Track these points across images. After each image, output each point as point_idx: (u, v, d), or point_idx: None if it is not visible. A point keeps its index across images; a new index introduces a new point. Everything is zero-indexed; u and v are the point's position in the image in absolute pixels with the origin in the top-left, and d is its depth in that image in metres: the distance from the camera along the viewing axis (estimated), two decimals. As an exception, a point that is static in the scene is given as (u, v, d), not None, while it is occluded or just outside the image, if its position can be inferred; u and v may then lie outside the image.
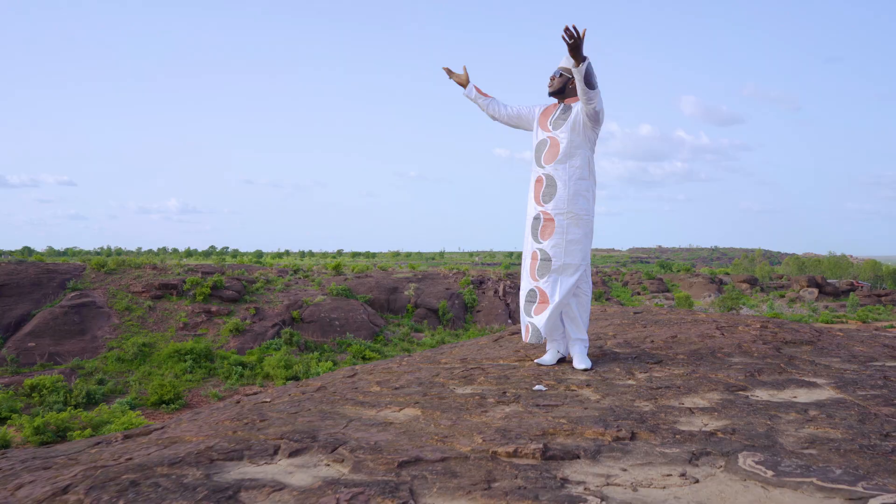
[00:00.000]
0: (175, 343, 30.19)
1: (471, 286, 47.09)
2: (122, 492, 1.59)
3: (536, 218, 3.65)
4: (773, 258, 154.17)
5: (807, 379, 3.04)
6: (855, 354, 3.69)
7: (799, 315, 58.18)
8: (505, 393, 2.78)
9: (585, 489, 1.68)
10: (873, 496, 1.59)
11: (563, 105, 3.70)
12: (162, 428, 2.82)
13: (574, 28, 3.14)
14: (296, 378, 28.13)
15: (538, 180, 3.67)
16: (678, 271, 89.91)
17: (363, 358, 32.30)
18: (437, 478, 1.70)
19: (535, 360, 3.70)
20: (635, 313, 5.87)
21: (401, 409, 2.49)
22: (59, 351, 29.56)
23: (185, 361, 28.82)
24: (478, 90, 3.97)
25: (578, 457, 1.94)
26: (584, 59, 3.25)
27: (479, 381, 3.09)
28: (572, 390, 2.85)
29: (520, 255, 3.83)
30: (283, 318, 35.24)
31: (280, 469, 1.80)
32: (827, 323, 55.54)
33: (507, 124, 3.96)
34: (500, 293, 46.89)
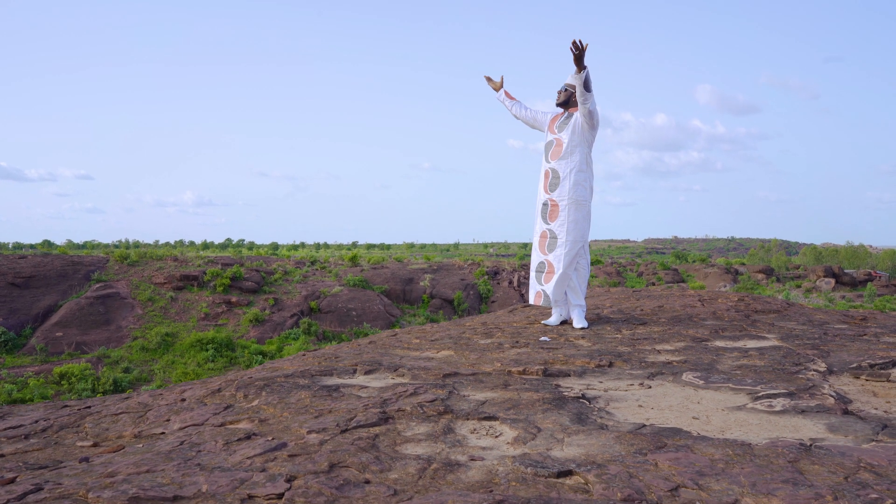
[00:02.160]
0: (197, 333, 31.14)
1: (485, 277, 47.80)
2: (260, 389, 2.39)
3: (545, 204, 4.56)
4: (789, 248, 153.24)
5: (760, 335, 3.81)
6: (813, 320, 4.44)
7: (815, 305, 58.23)
8: (517, 342, 3.58)
9: (570, 390, 2.47)
10: (764, 391, 2.37)
11: (567, 113, 4.62)
12: (261, 364, 3.64)
13: (580, 41, 4.02)
14: (315, 366, 28.99)
15: (546, 173, 4.61)
16: (693, 262, 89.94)
17: (380, 347, 33.11)
18: (470, 383, 2.49)
19: (542, 322, 4.58)
20: (634, 291, 6.64)
21: (438, 351, 3.29)
22: (86, 340, 30.62)
23: (207, 350, 29.75)
24: (507, 94, 4.96)
25: (569, 375, 2.74)
26: (584, 67, 4.17)
27: (497, 335, 3.89)
28: (570, 340, 3.65)
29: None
30: (301, 308, 36.15)
31: (360, 381, 2.60)
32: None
33: (526, 123, 4.90)
34: (515, 284, 47.59)
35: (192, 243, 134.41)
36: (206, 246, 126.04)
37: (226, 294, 36.22)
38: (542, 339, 3.79)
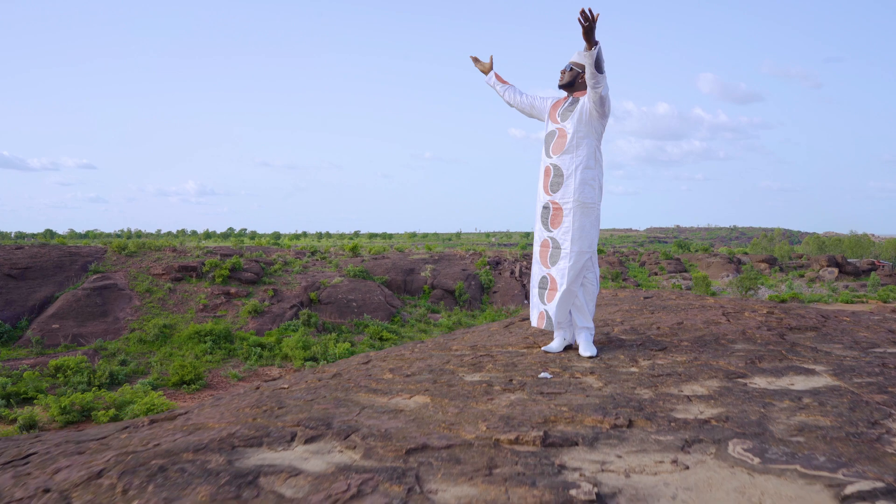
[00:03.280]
0: (195, 324, 30.68)
1: (487, 267, 47.26)
2: (151, 476, 1.73)
3: (545, 207, 3.81)
4: (792, 237, 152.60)
5: (806, 366, 3.13)
6: (858, 340, 3.76)
7: (818, 295, 57.73)
8: (511, 380, 2.91)
9: (580, 475, 1.80)
10: (851, 483, 1.69)
11: (571, 98, 3.86)
12: (186, 413, 2.98)
13: (589, 11, 3.25)
14: (314, 359, 28.50)
15: (546, 170, 3.82)
16: (696, 251, 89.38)
17: (380, 339, 32.62)
18: (442, 464, 1.83)
19: (543, 348, 3.85)
20: (645, 298, 5.95)
21: (411, 397, 2.62)
22: (83, 332, 30.15)
23: (206, 342, 29.31)
24: (498, 77, 4.20)
25: (577, 444, 2.06)
26: (596, 42, 3.36)
27: (487, 368, 3.22)
28: (576, 378, 2.97)
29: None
30: (300, 299, 35.65)
31: (296, 455, 1.94)
32: (846, 303, 55.05)
33: (522, 112, 4.13)
34: (517, 274, 47.01)
35: (193, 233, 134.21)
36: (208, 235, 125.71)
37: (225, 285, 35.71)
38: (542, 374, 3.10)
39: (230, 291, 35.00)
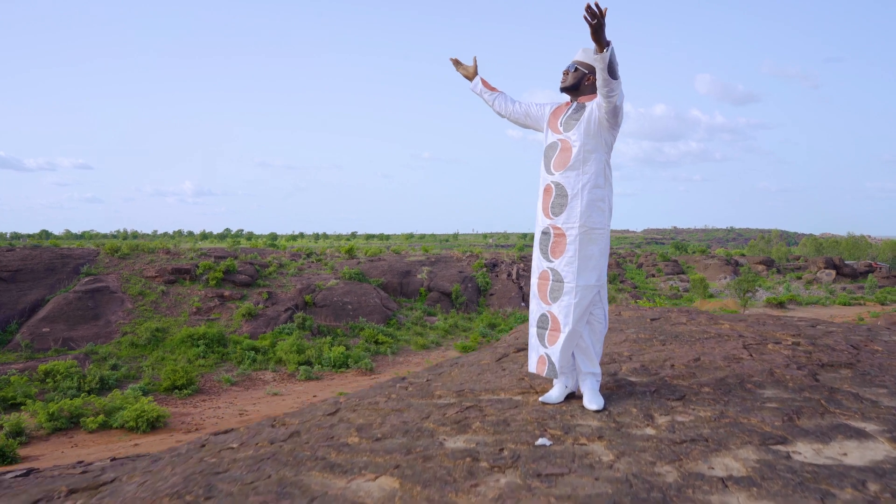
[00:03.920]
0: (188, 328, 30.22)
1: (484, 269, 46.80)
2: None
3: (545, 233, 3.24)
4: (789, 239, 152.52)
5: (854, 424, 2.62)
6: None
7: (816, 297, 57.31)
8: (502, 450, 2.37)
9: None
10: None
11: (576, 103, 3.29)
12: (112, 482, 2.46)
13: (596, 6, 2.71)
14: (308, 363, 28.01)
15: (547, 189, 3.24)
16: (693, 252, 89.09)
17: (376, 342, 32.11)
18: None
19: (541, 398, 3.24)
20: (652, 320, 5.44)
21: (376, 478, 2.10)
22: (73, 336, 29.65)
23: (198, 346, 28.86)
24: (484, 83, 3.61)
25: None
26: (607, 43, 2.83)
27: (474, 427, 2.68)
28: (581, 445, 2.44)
29: (533, 236, 3.40)
30: (295, 302, 35.17)
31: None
32: (844, 305, 54.68)
33: (516, 122, 3.57)
34: (514, 276, 46.53)
35: (190, 233, 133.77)
36: (204, 236, 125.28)
37: (218, 288, 35.22)
38: (540, 440, 2.55)
39: (224, 294, 34.52)
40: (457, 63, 3.68)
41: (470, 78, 3.66)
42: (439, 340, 35.21)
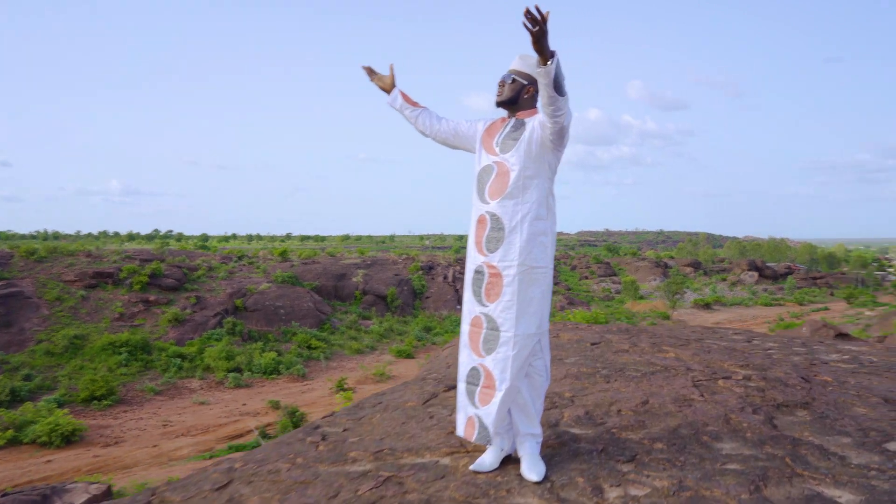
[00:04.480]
0: (109, 335, 28.94)
1: (420, 272, 46.70)
2: None
3: (479, 272, 2.80)
4: (715, 241, 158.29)
5: (827, 492, 2.38)
6: (862, 425, 3.13)
7: (740, 298, 59.72)
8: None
9: None
10: None
11: (514, 120, 2.84)
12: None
13: (537, 9, 2.30)
14: (238, 370, 27.22)
15: (480, 220, 2.80)
16: (625, 255, 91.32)
17: (309, 347, 31.55)
18: None
19: (472, 467, 2.76)
20: (593, 344, 5.38)
21: None
22: (-18, 345, 27.92)
23: (120, 354, 27.66)
24: (405, 97, 3.13)
25: None
26: (552, 54, 2.41)
27: (391, 505, 2.47)
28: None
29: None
30: (225, 306, 34.17)
31: None
32: (766, 306, 57.19)
33: (443, 143, 3.09)
34: (450, 279, 46.63)
35: (116, 234, 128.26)
36: (131, 237, 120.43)
37: (143, 292, 33.88)
38: None
39: (149, 299, 33.26)
40: (370, 72, 3.20)
41: (387, 90, 3.17)
42: (374, 344, 34.90)
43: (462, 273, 46.08)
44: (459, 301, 42.39)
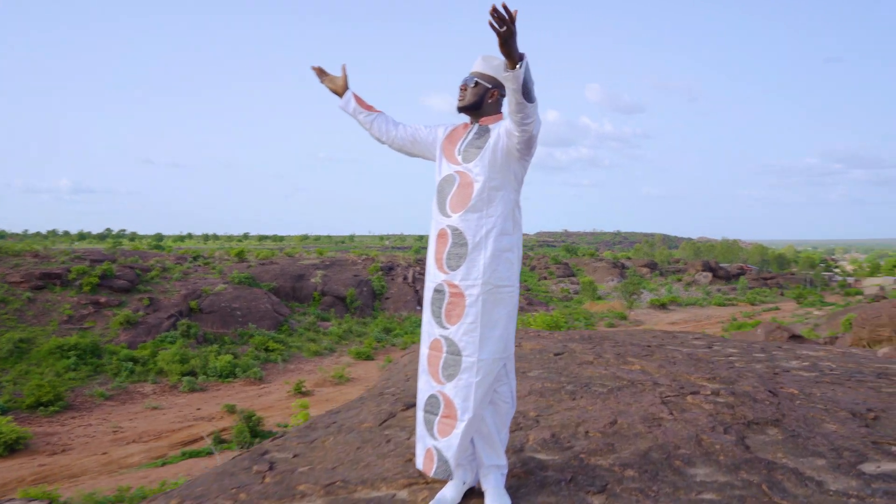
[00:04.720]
0: (57, 338, 27.94)
1: (380, 273, 46.38)
2: None
3: (439, 291, 2.57)
4: (671, 242, 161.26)
5: None
6: (836, 447, 3.09)
7: (695, 298, 60.96)
8: None
9: None
10: None
11: (477, 126, 2.63)
12: None
13: (504, 7, 2.09)
14: (192, 374, 26.60)
15: (441, 235, 2.58)
16: (583, 255, 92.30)
17: (266, 349, 31.02)
18: None
19: (431, 503, 2.52)
20: (556, 355, 5.26)
21: None
22: (-80, 349, 26.74)
23: (69, 358, 26.72)
24: (358, 101, 2.87)
25: None
26: (520, 57, 2.19)
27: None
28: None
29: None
30: (179, 308, 33.35)
31: None
32: (719, 305, 58.49)
33: (400, 150, 2.86)
34: (410, 279, 46.41)
35: (66, 234, 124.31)
36: (82, 236, 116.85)
37: (93, 294, 32.87)
38: None
39: (100, 301, 32.26)
40: (321, 73, 2.96)
41: (339, 93, 2.92)
42: (333, 346, 34.52)
43: (423, 273, 45.89)
44: (419, 302, 42.23)
